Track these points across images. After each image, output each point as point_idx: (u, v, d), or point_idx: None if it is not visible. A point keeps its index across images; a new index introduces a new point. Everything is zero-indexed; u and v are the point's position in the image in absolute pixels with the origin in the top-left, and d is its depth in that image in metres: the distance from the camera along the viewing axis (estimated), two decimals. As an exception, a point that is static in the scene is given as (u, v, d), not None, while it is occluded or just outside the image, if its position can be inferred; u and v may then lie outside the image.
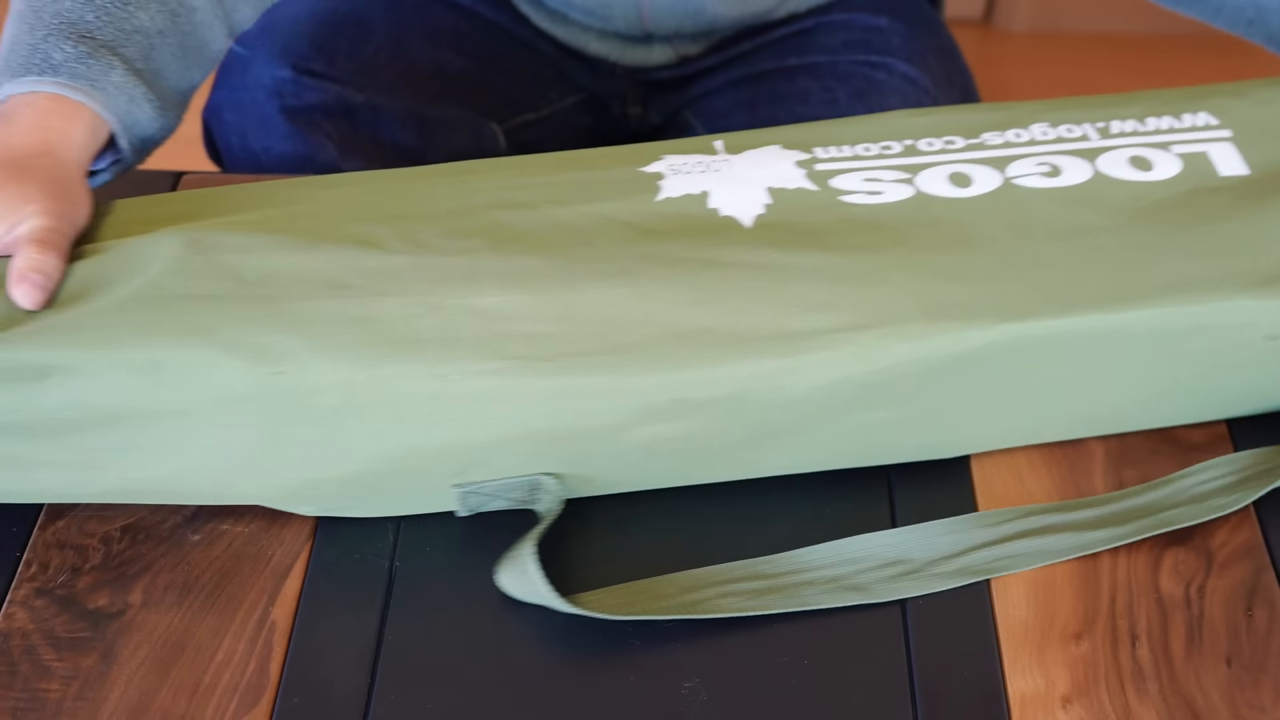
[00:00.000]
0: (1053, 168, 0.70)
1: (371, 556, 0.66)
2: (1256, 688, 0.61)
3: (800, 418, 0.64)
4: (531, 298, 0.62)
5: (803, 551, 0.65)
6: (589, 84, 1.06)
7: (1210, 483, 0.68)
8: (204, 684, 0.61)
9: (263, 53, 0.96)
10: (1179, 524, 0.65)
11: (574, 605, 0.61)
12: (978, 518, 0.67)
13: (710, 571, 0.64)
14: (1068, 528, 0.66)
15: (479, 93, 1.01)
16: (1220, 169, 0.70)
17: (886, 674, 0.61)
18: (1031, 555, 0.65)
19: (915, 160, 0.70)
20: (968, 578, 0.64)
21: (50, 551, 0.66)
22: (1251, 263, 0.65)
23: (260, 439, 0.62)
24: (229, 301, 0.62)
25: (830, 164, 0.70)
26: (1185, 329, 0.64)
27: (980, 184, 0.69)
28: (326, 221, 0.66)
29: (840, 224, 0.67)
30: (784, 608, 0.62)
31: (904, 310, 0.63)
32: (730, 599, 0.63)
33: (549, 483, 0.64)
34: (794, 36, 1.02)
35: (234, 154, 0.98)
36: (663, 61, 1.04)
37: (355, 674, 0.61)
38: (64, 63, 0.68)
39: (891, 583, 0.64)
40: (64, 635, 0.62)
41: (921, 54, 1.00)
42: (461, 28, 1.02)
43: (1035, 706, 0.60)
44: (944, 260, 0.65)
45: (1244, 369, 0.67)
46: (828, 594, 0.63)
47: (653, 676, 0.61)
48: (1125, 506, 0.67)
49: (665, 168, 0.70)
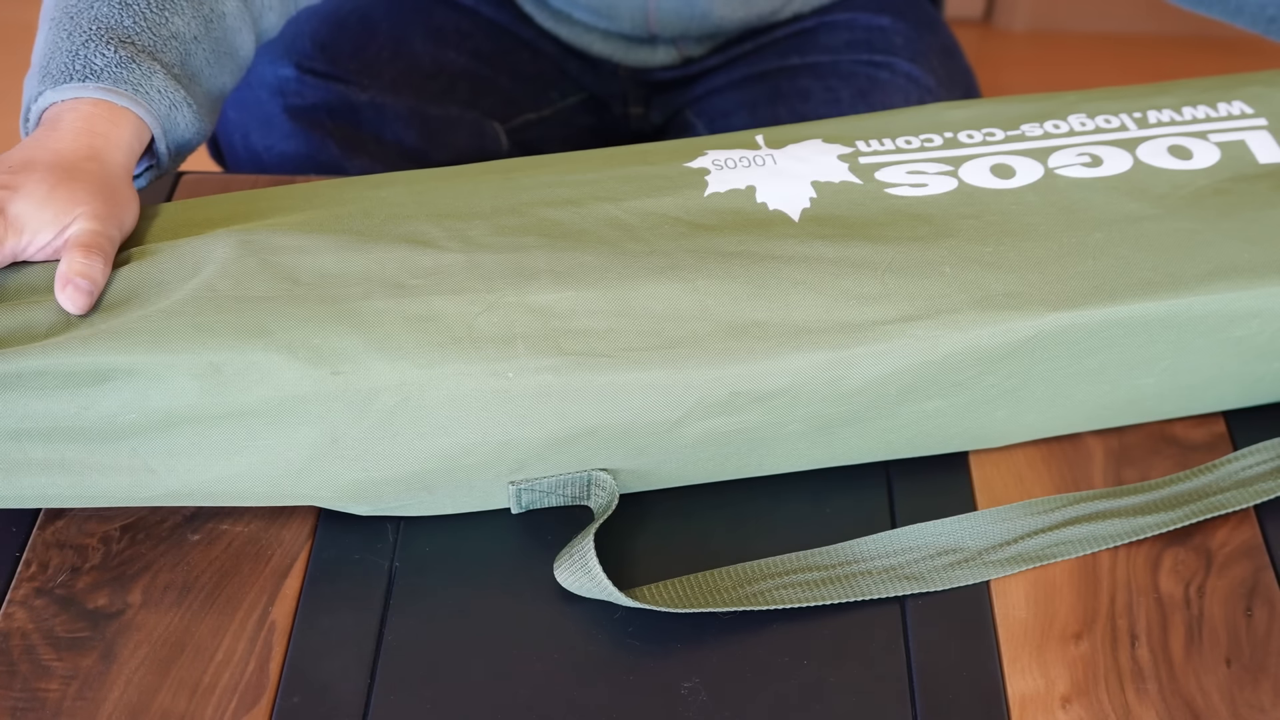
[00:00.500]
0: (1093, 158, 0.71)
1: (371, 557, 0.66)
2: (1256, 688, 0.61)
3: (854, 409, 0.64)
4: (587, 293, 0.63)
5: (856, 542, 0.66)
6: (591, 84, 1.06)
7: (1257, 466, 0.68)
8: (204, 684, 0.61)
9: (266, 52, 0.96)
10: (1229, 508, 0.66)
11: (635, 600, 0.62)
12: (1027, 505, 0.67)
13: (765, 564, 0.65)
14: (1118, 514, 0.66)
15: (481, 92, 1.01)
16: (1259, 156, 0.71)
17: (886, 674, 0.61)
18: (1083, 541, 0.65)
19: (957, 152, 0.71)
20: (1022, 565, 0.65)
21: (50, 551, 0.66)
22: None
23: (319, 439, 0.61)
24: (285, 302, 0.62)
25: (873, 157, 0.71)
26: (1232, 314, 0.65)
27: (1023, 175, 0.70)
28: (376, 221, 0.66)
29: (887, 216, 0.67)
30: (842, 597, 0.63)
31: (955, 301, 0.64)
32: (788, 590, 0.63)
33: (604, 478, 0.64)
34: (796, 36, 1.02)
35: (236, 153, 0.99)
36: (666, 62, 1.04)
37: (355, 674, 0.61)
38: (106, 68, 0.68)
39: (947, 571, 0.64)
40: (63, 635, 0.62)
41: (924, 53, 1.00)
42: (464, 27, 1.02)
43: (1035, 706, 0.60)
44: (992, 251, 0.66)
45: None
46: (884, 584, 0.64)
47: (653, 677, 0.61)
48: (1174, 492, 0.68)
49: (709, 163, 0.70)
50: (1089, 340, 0.65)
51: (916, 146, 0.72)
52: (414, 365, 0.60)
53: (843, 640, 0.63)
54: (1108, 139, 0.72)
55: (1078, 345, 0.65)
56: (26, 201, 0.64)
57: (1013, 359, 0.64)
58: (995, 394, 0.66)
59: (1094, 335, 0.65)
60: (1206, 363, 0.68)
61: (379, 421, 0.61)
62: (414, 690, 0.61)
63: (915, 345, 0.63)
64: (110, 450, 0.62)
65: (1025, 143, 0.72)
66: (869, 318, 0.63)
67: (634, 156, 0.71)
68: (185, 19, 0.71)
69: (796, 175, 0.69)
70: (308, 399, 0.60)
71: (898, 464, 0.69)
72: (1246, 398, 0.71)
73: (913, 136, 0.72)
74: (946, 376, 0.64)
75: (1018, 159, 0.71)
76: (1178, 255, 0.66)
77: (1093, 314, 0.64)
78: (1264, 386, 0.70)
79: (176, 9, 0.71)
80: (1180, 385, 0.69)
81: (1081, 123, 0.73)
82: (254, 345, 0.60)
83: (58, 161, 0.66)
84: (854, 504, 0.68)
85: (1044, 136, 0.72)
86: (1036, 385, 0.66)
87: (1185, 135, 0.72)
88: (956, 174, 0.70)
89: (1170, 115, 0.73)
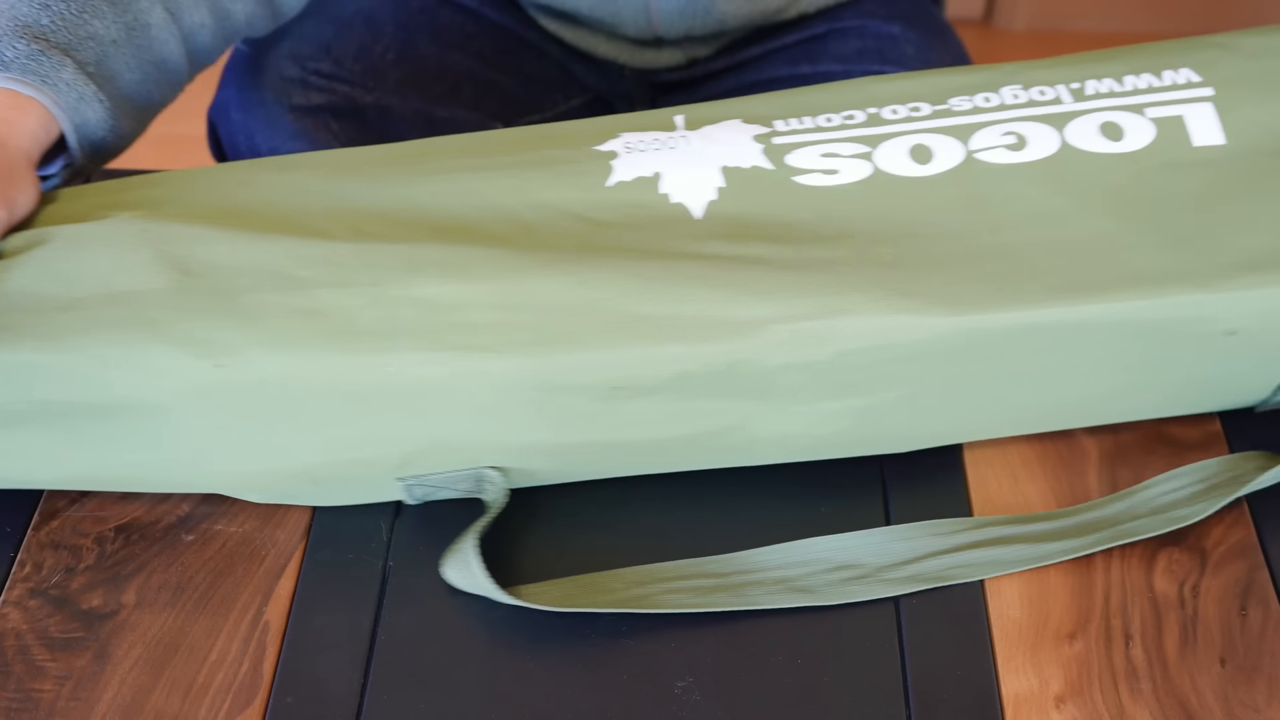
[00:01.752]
0: (1019, 138, 0.68)
1: (365, 556, 0.66)
2: (1250, 687, 0.61)
3: (742, 406, 0.63)
4: (473, 287, 0.62)
5: (754, 552, 0.65)
6: (596, 85, 1.06)
7: (1172, 494, 0.67)
8: (198, 683, 0.61)
9: (270, 52, 0.96)
10: (1139, 535, 0.65)
11: (513, 597, 0.62)
12: (931, 525, 0.66)
13: (660, 568, 0.64)
14: (1021, 539, 0.65)
15: (486, 94, 1.01)
16: (1195, 137, 0.68)
17: (880, 673, 0.61)
18: (983, 565, 0.64)
19: (877, 130, 0.68)
20: (918, 585, 0.64)
21: (44, 552, 0.66)
22: (1211, 255, 0.64)
23: (209, 431, 0.62)
24: (175, 294, 0.62)
25: (789, 138, 0.68)
26: (1142, 323, 0.63)
27: (941, 159, 0.67)
28: (277, 209, 0.66)
29: (791, 210, 0.66)
30: (729, 606, 0.62)
31: (849, 301, 0.62)
32: (676, 595, 0.63)
33: (493, 475, 0.64)
34: (807, 42, 1.02)
35: (240, 153, 0.98)
36: (672, 64, 1.04)
37: (349, 673, 0.61)
38: (15, 60, 0.69)
39: (840, 586, 0.63)
40: (58, 635, 0.62)
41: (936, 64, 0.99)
42: (469, 29, 1.02)
43: (1029, 706, 0.60)
44: (894, 251, 0.64)
45: (1208, 363, 0.66)
46: (774, 595, 0.63)
47: (646, 676, 0.61)
48: (1084, 520, 0.66)
49: (621, 146, 0.68)
50: (991, 346, 0.63)
51: (837, 125, 0.69)
52: (296, 359, 0.61)
53: (836, 639, 0.62)
54: (1038, 114, 0.68)
55: (980, 351, 0.63)
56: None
57: (910, 362, 0.63)
58: (895, 397, 0.64)
59: (995, 341, 0.63)
60: (1122, 370, 0.65)
61: (262, 415, 0.61)
62: (408, 689, 0.61)
63: (805, 346, 0.61)
64: (5, 437, 0.63)
65: (951, 119, 0.69)
66: (759, 315, 0.61)
67: (547, 139, 0.70)
68: (105, 23, 0.72)
69: (706, 160, 0.67)
70: (195, 392, 0.61)
71: (893, 467, 0.69)
72: (1176, 406, 0.69)
73: (834, 114, 0.69)
74: (839, 378, 0.63)
75: (939, 138, 0.68)
76: (1088, 260, 0.64)
77: (992, 319, 0.62)
78: (1192, 395, 0.68)
79: (97, 13, 0.72)
80: (1098, 393, 0.67)
81: (1014, 95, 0.69)
82: (141, 338, 0.61)
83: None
84: (848, 504, 0.68)
85: (972, 111, 0.69)
86: (939, 389, 0.65)
87: (1121, 110, 0.68)
88: (872, 158, 0.67)
89: (1110, 85, 0.69)
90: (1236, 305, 0.63)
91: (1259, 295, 0.63)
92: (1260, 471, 0.67)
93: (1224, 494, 0.66)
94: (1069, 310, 0.62)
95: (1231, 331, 0.63)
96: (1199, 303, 0.62)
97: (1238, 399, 0.69)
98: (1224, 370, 0.66)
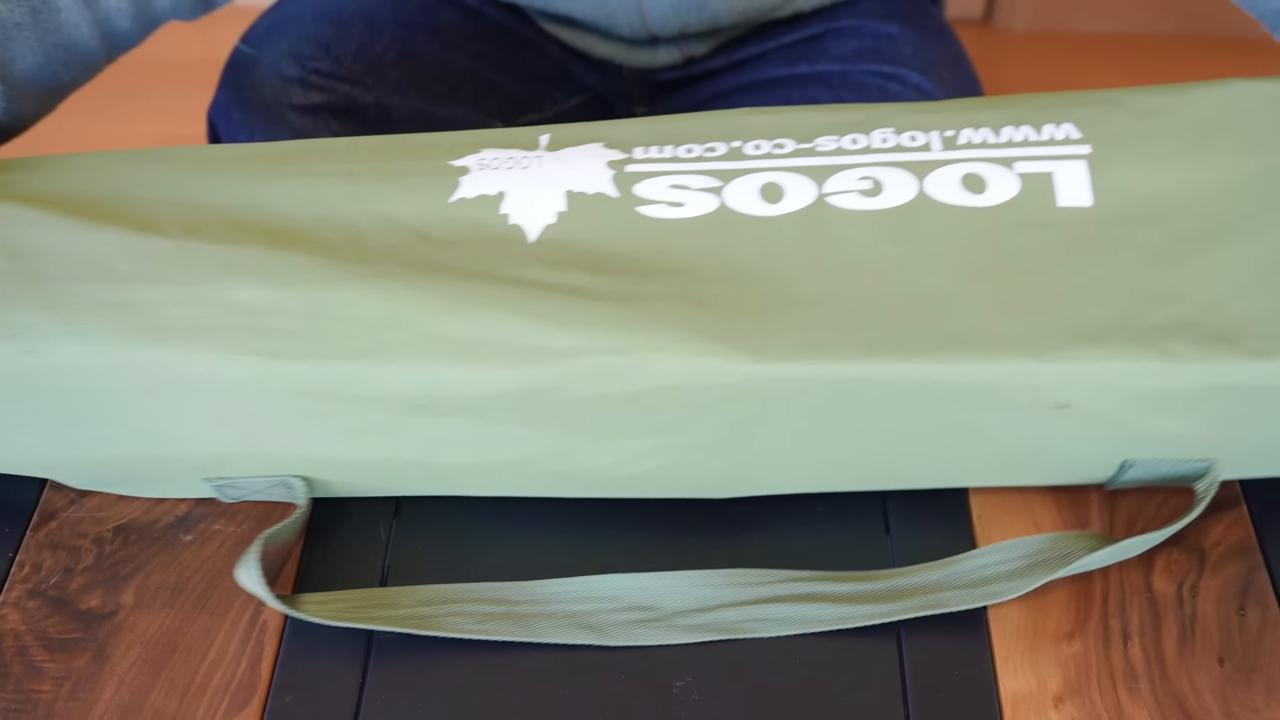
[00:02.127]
0: (875, 184, 0.65)
1: (364, 556, 0.66)
2: (1249, 687, 0.61)
3: (549, 437, 0.62)
4: (285, 294, 0.61)
5: (555, 582, 0.64)
6: (595, 84, 1.06)
7: (994, 566, 0.64)
8: (195, 684, 0.61)
9: (270, 52, 0.96)
10: (948, 608, 0.62)
11: (291, 608, 0.61)
12: (738, 574, 0.64)
13: (453, 589, 0.63)
14: (828, 598, 0.63)
15: (485, 93, 1.02)
16: (1060, 197, 0.64)
17: (879, 673, 0.61)
18: (783, 621, 0.62)
19: (734, 165, 0.66)
20: (712, 634, 0.62)
21: (43, 552, 0.66)
22: (1047, 322, 0.60)
23: (28, 416, 0.62)
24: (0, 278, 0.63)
25: (644, 165, 0.67)
26: (963, 388, 0.60)
27: (791, 200, 0.65)
28: (123, 200, 0.66)
29: (627, 240, 0.64)
30: (509, 636, 0.61)
31: (657, 339, 0.60)
32: (459, 619, 0.62)
33: (297, 484, 0.64)
34: (804, 42, 1.02)
35: (241, 153, 0.99)
36: (669, 63, 1.04)
37: (347, 673, 0.61)
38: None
39: (629, 628, 0.62)
40: (56, 636, 0.62)
41: (934, 64, 0.99)
42: (468, 28, 1.02)
43: (1027, 706, 0.60)
44: (717, 291, 0.62)
45: (1041, 435, 0.62)
46: (559, 629, 0.62)
47: (645, 676, 0.61)
48: (897, 585, 0.64)
49: (475, 162, 0.67)
50: (798, 396, 0.60)
51: (695, 156, 0.67)
52: (101, 351, 0.60)
53: (835, 639, 0.62)
54: (903, 159, 0.66)
55: (789, 401, 0.61)
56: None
57: (714, 407, 0.61)
58: (703, 440, 0.62)
59: (803, 392, 0.60)
60: (943, 435, 0.62)
61: (69, 403, 0.62)
62: (406, 689, 0.61)
63: (609, 380, 0.60)
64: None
65: (812, 158, 0.66)
66: (564, 346, 0.60)
67: (407, 150, 0.69)
68: (9, 6, 0.72)
69: (553, 183, 0.66)
70: (8, 376, 0.61)
71: (896, 500, 0.68)
72: (1014, 477, 0.66)
73: (696, 144, 0.68)
74: (645, 417, 0.61)
75: (794, 177, 0.65)
76: (916, 317, 0.61)
77: (797, 369, 0.60)
78: (1031, 467, 0.65)
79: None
80: (916, 455, 0.64)
81: (884, 139, 0.67)
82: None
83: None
84: (852, 534, 0.66)
85: (835, 152, 0.67)
86: (747, 437, 0.62)
87: (989, 162, 0.65)
88: (721, 192, 0.65)
89: (985, 135, 0.67)
90: (1065, 377, 0.59)
91: (1090, 369, 0.59)
92: (1089, 552, 0.63)
93: (1045, 572, 0.62)
94: (882, 368, 0.59)
95: (1063, 405, 0.60)
96: (1024, 371, 0.59)
97: (1084, 475, 0.66)
98: (1061, 444, 0.63)
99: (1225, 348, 0.59)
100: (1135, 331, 0.60)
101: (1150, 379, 0.59)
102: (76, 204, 0.65)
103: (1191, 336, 0.60)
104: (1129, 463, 0.64)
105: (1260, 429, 0.62)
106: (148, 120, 1.83)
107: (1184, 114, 0.67)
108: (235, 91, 0.97)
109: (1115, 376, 0.59)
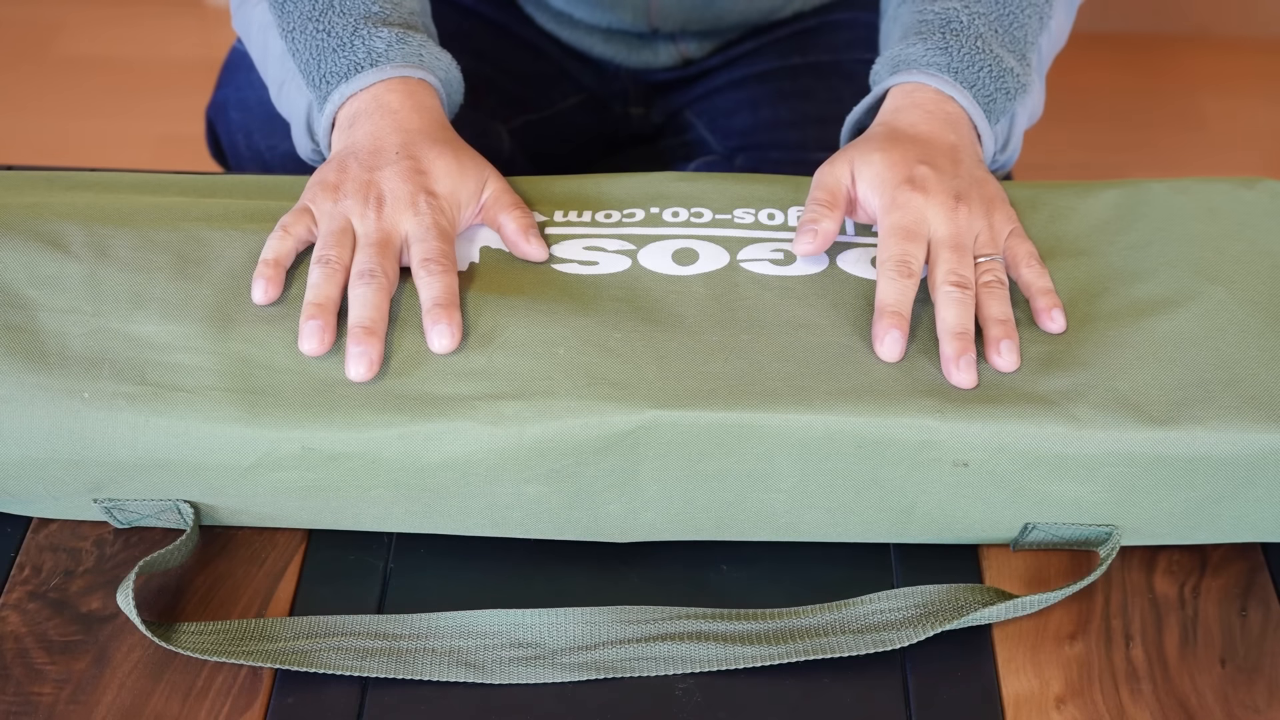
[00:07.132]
0: (786, 255, 0.67)
1: (366, 558, 0.66)
2: (1251, 688, 0.61)
3: (441, 483, 0.62)
4: (188, 328, 0.63)
5: (437, 616, 0.63)
6: (592, 84, 1.06)
7: (885, 614, 0.63)
8: (197, 686, 0.61)
9: None
10: (835, 653, 0.61)
11: (162, 640, 0.61)
12: (624, 611, 0.63)
13: (334, 621, 0.63)
14: (715, 638, 0.62)
15: (483, 93, 1.01)
16: None
17: (881, 674, 0.61)
18: (667, 661, 0.61)
19: (650, 230, 0.68)
20: (593, 673, 0.61)
21: (43, 554, 0.66)
22: (947, 383, 0.61)
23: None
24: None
25: (561, 229, 0.68)
26: (862, 441, 0.60)
27: (705, 262, 0.66)
28: (53, 222, 0.67)
29: (532, 288, 0.65)
30: (388, 673, 0.60)
31: (556, 385, 0.61)
32: (334, 654, 0.61)
33: (185, 509, 0.64)
34: (798, 35, 1.02)
35: (239, 152, 0.98)
36: (667, 63, 1.04)
37: (348, 675, 0.61)
38: (389, 49, 0.71)
39: (510, 666, 0.61)
40: (57, 639, 0.62)
41: None
42: (465, 28, 1.02)
43: (1029, 707, 0.60)
44: (621, 338, 0.62)
45: (943, 494, 0.62)
46: (439, 667, 0.61)
47: (647, 677, 0.61)
48: (788, 626, 0.63)
49: None
50: (700, 444, 0.60)
51: (615, 221, 0.69)
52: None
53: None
54: None
55: (688, 448, 0.60)
56: (446, 179, 0.67)
57: (612, 452, 0.61)
58: (601, 486, 0.62)
59: (704, 439, 0.60)
60: (842, 490, 0.62)
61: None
62: (407, 691, 0.61)
63: (501, 427, 0.60)
64: None
65: (728, 229, 0.68)
66: (459, 392, 0.60)
67: None
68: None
69: (470, 239, 0.68)
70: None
71: None
72: (922, 535, 0.65)
73: (616, 210, 0.69)
74: (540, 463, 0.61)
75: (708, 245, 0.67)
76: (818, 370, 0.61)
77: (696, 416, 0.60)
78: (937, 526, 0.64)
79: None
80: (817, 508, 0.63)
81: (799, 216, 0.68)
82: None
83: (429, 135, 0.69)
84: (859, 571, 0.65)
85: (752, 226, 0.68)
86: (648, 483, 0.62)
87: None
88: (635, 255, 0.67)
89: None
90: (963, 436, 0.60)
91: (986, 429, 0.60)
92: (984, 605, 0.62)
93: (937, 623, 0.61)
94: (781, 418, 0.60)
95: (962, 463, 0.61)
96: (922, 428, 0.60)
97: (987, 535, 0.65)
98: (963, 504, 0.63)
99: (1128, 414, 0.60)
100: (1037, 394, 0.61)
101: (1050, 443, 0.60)
102: (8, 225, 0.66)
103: (1094, 401, 0.61)
104: (1031, 525, 0.64)
105: (1161, 498, 0.62)
106: (148, 120, 1.83)
107: (1093, 212, 0.70)
108: (234, 91, 0.97)
109: (1014, 438, 0.60)
